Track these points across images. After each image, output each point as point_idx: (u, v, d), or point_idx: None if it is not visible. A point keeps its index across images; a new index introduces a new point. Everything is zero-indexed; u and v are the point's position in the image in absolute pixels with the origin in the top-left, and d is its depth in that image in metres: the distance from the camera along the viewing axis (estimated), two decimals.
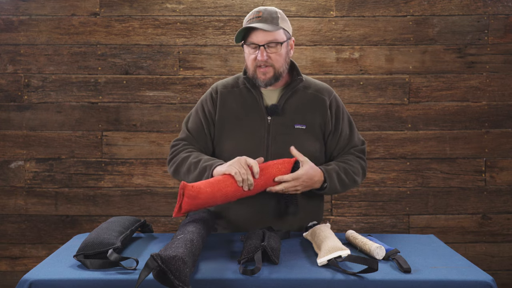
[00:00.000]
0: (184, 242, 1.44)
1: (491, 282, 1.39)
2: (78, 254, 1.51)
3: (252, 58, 1.89)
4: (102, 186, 3.08)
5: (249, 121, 1.94)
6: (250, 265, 1.50)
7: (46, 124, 3.07)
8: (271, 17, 1.87)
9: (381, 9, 3.06)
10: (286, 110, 1.94)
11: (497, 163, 3.07)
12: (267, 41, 1.86)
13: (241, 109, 1.96)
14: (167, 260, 1.32)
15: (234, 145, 1.93)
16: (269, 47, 1.87)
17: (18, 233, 3.09)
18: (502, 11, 3.05)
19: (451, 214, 3.09)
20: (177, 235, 1.53)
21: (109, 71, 3.07)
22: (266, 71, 1.88)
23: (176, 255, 1.33)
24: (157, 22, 3.06)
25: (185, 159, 1.92)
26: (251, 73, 1.92)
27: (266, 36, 1.85)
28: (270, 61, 1.87)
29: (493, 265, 3.08)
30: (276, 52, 1.88)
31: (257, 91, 1.96)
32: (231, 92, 2.00)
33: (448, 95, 3.07)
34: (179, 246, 1.40)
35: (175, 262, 1.32)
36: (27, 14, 3.05)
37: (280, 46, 1.88)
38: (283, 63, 1.91)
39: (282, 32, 1.89)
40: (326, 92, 2.01)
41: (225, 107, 1.98)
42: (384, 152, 3.07)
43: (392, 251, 1.56)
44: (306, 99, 1.97)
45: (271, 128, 1.93)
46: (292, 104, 1.95)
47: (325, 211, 3.08)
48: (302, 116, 1.94)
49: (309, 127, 1.94)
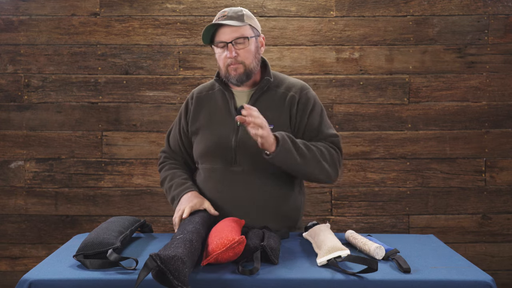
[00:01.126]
0: (183, 242, 1.44)
1: (490, 282, 1.39)
2: (77, 254, 1.51)
3: (223, 57, 1.91)
4: (102, 186, 3.08)
5: (219, 124, 1.96)
6: (249, 265, 1.50)
7: (46, 124, 3.07)
8: (236, 15, 1.90)
9: (381, 9, 3.06)
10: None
11: (497, 163, 3.07)
12: (234, 38, 1.87)
13: (213, 112, 1.99)
14: (166, 260, 1.32)
15: (204, 148, 1.97)
16: (237, 44, 1.88)
17: (18, 233, 3.09)
18: (502, 11, 3.05)
19: (451, 214, 3.09)
20: (177, 235, 1.53)
21: (109, 71, 3.07)
22: (237, 67, 1.89)
23: (175, 255, 1.33)
24: (157, 22, 3.06)
25: (163, 181, 2.07)
26: (224, 73, 1.93)
27: (232, 33, 1.87)
28: (239, 58, 1.89)
29: (493, 265, 3.08)
30: (244, 48, 1.89)
31: (229, 93, 1.97)
32: (206, 96, 2.04)
33: (448, 95, 3.07)
34: (178, 246, 1.40)
35: (174, 262, 1.32)
36: (27, 14, 3.05)
37: (248, 41, 1.89)
38: (253, 59, 1.92)
39: (248, 28, 1.91)
40: (297, 89, 1.99)
41: (199, 112, 2.02)
42: (384, 152, 3.07)
43: (391, 251, 1.56)
44: (276, 98, 1.97)
45: (239, 130, 1.93)
46: (262, 104, 1.94)
47: (325, 211, 3.08)
48: (270, 115, 1.91)
49: (277, 126, 1.91)
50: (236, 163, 1.91)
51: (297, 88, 1.99)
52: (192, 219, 1.72)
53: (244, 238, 1.50)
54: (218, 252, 1.45)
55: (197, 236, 1.54)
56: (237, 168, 1.92)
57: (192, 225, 1.63)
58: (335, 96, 3.06)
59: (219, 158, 1.93)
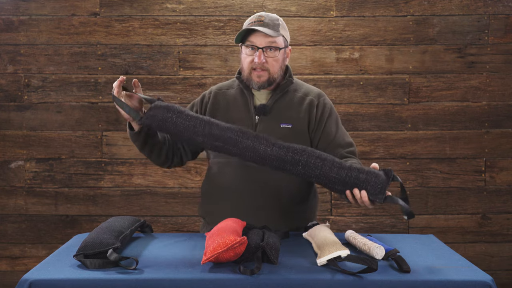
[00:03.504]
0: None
1: (490, 282, 1.39)
2: (78, 254, 1.51)
3: (249, 60, 1.90)
4: (102, 186, 3.08)
5: (237, 120, 1.95)
6: (250, 265, 1.50)
7: (46, 124, 3.07)
8: (273, 23, 1.89)
9: (381, 9, 3.06)
10: (274, 110, 1.95)
11: (497, 163, 3.07)
12: (267, 44, 1.87)
13: (231, 108, 1.99)
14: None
15: None
16: (268, 51, 1.88)
17: (18, 233, 3.09)
18: (502, 11, 3.05)
19: (451, 214, 3.09)
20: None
21: (109, 71, 3.07)
22: (261, 74, 1.90)
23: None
24: (157, 22, 3.06)
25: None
26: (246, 75, 1.93)
27: (266, 40, 1.87)
28: (266, 65, 1.89)
29: (493, 265, 3.08)
30: (274, 57, 1.90)
31: (249, 92, 1.98)
32: (225, 93, 2.04)
33: (448, 95, 3.07)
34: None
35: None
36: (27, 14, 3.05)
37: (278, 52, 1.90)
38: (278, 70, 1.93)
39: (282, 39, 1.92)
40: (315, 94, 2.01)
41: (216, 106, 2.01)
42: (384, 152, 3.08)
43: (391, 251, 1.56)
44: (295, 100, 1.98)
45: (257, 127, 1.94)
46: (281, 104, 1.96)
47: (325, 211, 3.08)
48: (289, 115, 1.94)
49: (295, 126, 1.94)
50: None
51: (315, 93, 2.01)
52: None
53: (246, 239, 1.50)
54: (219, 252, 1.45)
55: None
56: (251, 163, 1.91)
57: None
58: (335, 96, 3.06)
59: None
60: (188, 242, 1.78)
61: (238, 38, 1.91)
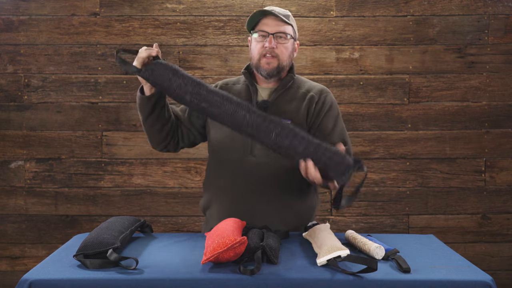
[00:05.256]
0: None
1: (490, 282, 1.39)
2: (78, 254, 1.51)
3: (260, 46, 1.91)
4: (102, 186, 3.08)
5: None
6: (250, 265, 1.50)
7: (46, 124, 3.07)
8: (283, 13, 1.92)
9: (381, 9, 3.06)
10: (275, 106, 1.95)
11: (497, 163, 3.08)
12: (278, 31, 1.89)
13: None
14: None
15: (223, 135, 1.96)
16: (278, 37, 1.90)
17: (18, 233, 3.09)
18: (502, 11, 3.05)
19: (451, 214, 3.09)
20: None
21: (109, 71, 3.07)
22: (271, 61, 1.90)
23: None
24: (157, 22, 3.06)
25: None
26: (255, 62, 1.93)
27: (277, 26, 1.89)
28: (276, 51, 1.89)
29: (493, 265, 3.08)
30: (284, 44, 1.91)
31: (253, 88, 1.98)
32: (231, 87, 2.04)
33: (448, 95, 3.07)
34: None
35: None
36: (27, 14, 3.05)
37: (288, 40, 1.91)
38: (287, 58, 1.94)
39: (291, 29, 1.93)
40: (317, 90, 2.01)
41: None
42: (384, 152, 3.08)
43: (391, 251, 1.56)
44: (297, 96, 1.98)
45: None
46: (282, 100, 1.97)
47: (325, 211, 3.08)
48: (289, 111, 1.94)
49: (295, 122, 1.93)
50: (252, 154, 1.91)
51: (317, 90, 2.01)
52: None
53: (246, 239, 1.50)
54: (219, 251, 1.45)
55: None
56: (252, 158, 1.91)
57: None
58: (335, 96, 3.04)
59: (235, 147, 1.92)
60: (188, 242, 1.78)
61: (250, 24, 1.92)
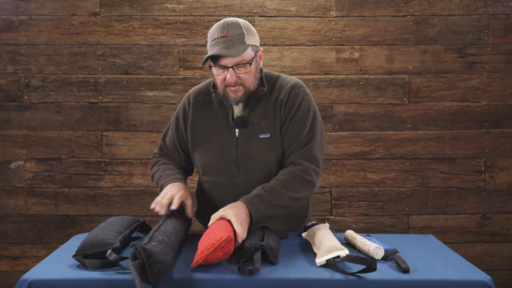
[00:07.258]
0: (170, 246, 1.48)
1: (489, 282, 1.39)
2: (77, 254, 1.51)
3: (221, 78, 1.83)
4: (102, 186, 3.08)
5: (219, 133, 1.92)
6: (249, 265, 1.50)
7: (46, 124, 3.07)
8: (237, 35, 1.78)
9: (381, 9, 3.06)
10: (252, 121, 1.89)
11: (497, 163, 3.07)
12: (235, 63, 1.79)
13: (212, 121, 1.94)
14: (150, 255, 1.34)
15: (206, 159, 1.95)
16: (238, 68, 1.80)
17: (18, 233, 3.09)
18: (502, 11, 3.05)
19: (451, 214, 3.09)
20: (158, 235, 1.53)
21: (109, 71, 3.07)
22: (237, 89, 1.83)
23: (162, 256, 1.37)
24: (157, 22, 3.06)
25: (154, 173, 2.04)
26: (221, 92, 1.86)
27: (233, 59, 1.78)
28: (239, 81, 1.82)
29: (492, 265, 3.08)
30: (245, 71, 1.81)
31: (229, 105, 1.91)
32: (203, 102, 1.98)
33: (448, 95, 3.07)
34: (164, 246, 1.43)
35: (157, 260, 1.35)
36: (27, 14, 3.06)
37: (249, 66, 1.81)
38: (253, 80, 1.85)
39: (249, 50, 1.81)
40: (286, 91, 1.90)
41: (197, 120, 1.97)
42: (384, 152, 3.08)
43: (391, 251, 1.57)
44: (270, 105, 1.90)
45: (239, 140, 1.89)
46: (258, 113, 1.90)
47: (325, 211, 3.08)
48: (265, 125, 1.88)
49: (273, 134, 1.88)
50: (239, 176, 1.90)
51: (287, 89, 1.91)
52: (174, 223, 1.70)
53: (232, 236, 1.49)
54: (207, 253, 1.44)
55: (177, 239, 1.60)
56: (240, 180, 1.90)
57: (173, 228, 1.65)
58: (335, 96, 3.06)
59: (222, 171, 1.92)
60: (187, 242, 1.78)
61: (205, 63, 1.81)
